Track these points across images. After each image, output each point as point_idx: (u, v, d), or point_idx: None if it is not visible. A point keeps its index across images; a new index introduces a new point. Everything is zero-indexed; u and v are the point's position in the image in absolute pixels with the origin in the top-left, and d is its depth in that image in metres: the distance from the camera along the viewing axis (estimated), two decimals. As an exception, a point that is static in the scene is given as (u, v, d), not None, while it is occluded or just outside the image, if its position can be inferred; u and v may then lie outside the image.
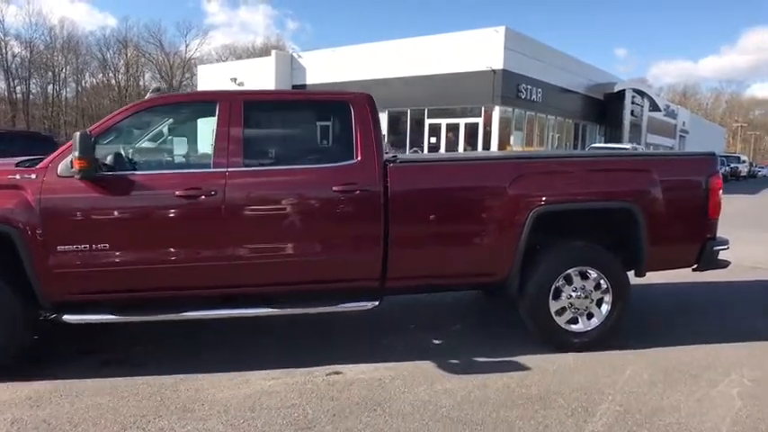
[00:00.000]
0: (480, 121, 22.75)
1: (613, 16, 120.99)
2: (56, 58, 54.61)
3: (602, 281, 4.14)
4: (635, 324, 4.63)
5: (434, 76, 22.71)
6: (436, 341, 4.43)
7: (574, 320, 4.16)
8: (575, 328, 4.16)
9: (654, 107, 34.70)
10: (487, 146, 22.24)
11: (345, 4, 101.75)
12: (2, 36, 50.47)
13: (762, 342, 4.42)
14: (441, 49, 22.70)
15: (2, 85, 51.53)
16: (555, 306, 4.11)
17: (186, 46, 62.02)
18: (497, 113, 22.26)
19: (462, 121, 23.27)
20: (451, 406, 3.29)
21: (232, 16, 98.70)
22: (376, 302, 3.93)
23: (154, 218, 3.72)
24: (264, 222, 3.84)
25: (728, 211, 5.36)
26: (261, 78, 26.84)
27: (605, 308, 4.17)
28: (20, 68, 52.40)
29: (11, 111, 50.10)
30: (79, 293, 3.71)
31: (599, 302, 4.17)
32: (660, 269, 4.52)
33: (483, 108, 22.55)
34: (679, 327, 4.80)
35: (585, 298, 4.14)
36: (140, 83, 57.66)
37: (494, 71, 21.57)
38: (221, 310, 3.88)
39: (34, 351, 3.90)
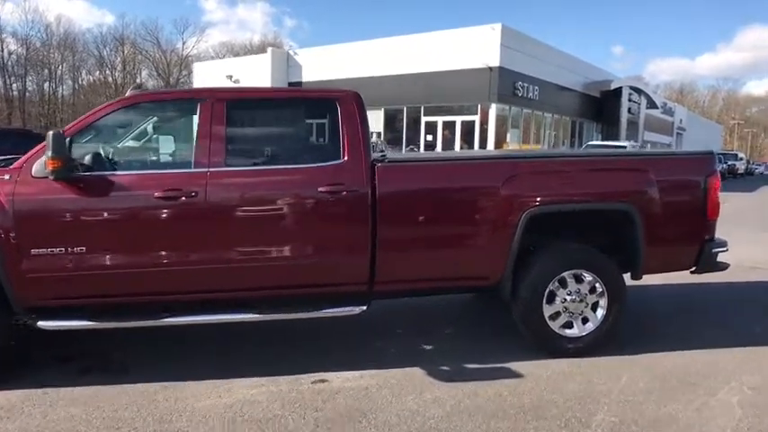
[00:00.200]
0: (477, 119, 22.66)
1: (610, 14, 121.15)
2: (52, 55, 54.30)
3: (597, 284, 4.00)
4: (631, 327, 4.49)
5: (431, 73, 22.61)
6: (427, 346, 4.30)
7: (568, 325, 4.03)
8: (569, 332, 4.03)
9: (651, 104, 34.69)
10: (484, 144, 22.16)
11: (343, 1, 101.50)
12: (-2, 33, 50.18)
13: (761, 347, 4.29)
14: (437, 47, 22.58)
15: (-2, 83, 51.29)
16: (549, 310, 3.97)
17: (183, 43, 61.83)
18: (494, 111, 22.16)
19: (459, 119, 23.18)
20: (440, 417, 3.15)
21: (230, 14, 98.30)
22: (364, 307, 3.80)
23: (132, 220, 3.56)
24: (248, 224, 3.69)
25: (726, 210, 5.23)
26: (257, 76, 26.69)
27: (601, 312, 4.04)
28: (16, 66, 52.08)
29: (7, 108, 49.74)
30: (54, 298, 3.57)
31: (594, 306, 4.04)
32: (657, 272, 4.39)
33: (479, 106, 22.47)
34: (676, 330, 4.67)
35: (580, 302, 4.01)
36: (137, 80, 57.28)
37: (490, 69, 21.47)
38: (203, 315, 3.73)
39: (8, 356, 3.74)
